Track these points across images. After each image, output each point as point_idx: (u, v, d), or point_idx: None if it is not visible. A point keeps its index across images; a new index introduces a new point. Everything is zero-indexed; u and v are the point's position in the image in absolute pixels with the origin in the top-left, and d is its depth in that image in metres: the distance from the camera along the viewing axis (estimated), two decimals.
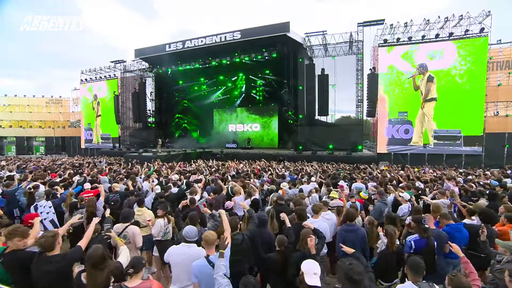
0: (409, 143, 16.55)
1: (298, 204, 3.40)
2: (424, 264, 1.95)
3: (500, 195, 4.23)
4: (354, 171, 8.86)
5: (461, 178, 7.53)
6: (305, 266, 1.80)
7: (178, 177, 6.28)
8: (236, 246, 2.23)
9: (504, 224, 3.00)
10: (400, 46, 16.65)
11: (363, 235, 2.76)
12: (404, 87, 16.62)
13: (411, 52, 16.47)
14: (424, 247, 2.56)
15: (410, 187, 4.89)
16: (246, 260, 2.36)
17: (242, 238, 2.41)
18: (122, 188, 4.75)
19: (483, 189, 5.21)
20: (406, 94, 16.63)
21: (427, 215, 2.96)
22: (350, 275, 1.61)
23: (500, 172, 9.16)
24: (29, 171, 8.33)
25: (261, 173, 8.25)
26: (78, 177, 6.25)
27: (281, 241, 2.37)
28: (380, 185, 5.60)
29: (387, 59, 16.89)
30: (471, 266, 2.17)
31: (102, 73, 26.60)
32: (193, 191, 3.95)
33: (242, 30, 18.17)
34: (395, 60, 16.66)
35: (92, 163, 11.92)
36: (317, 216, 3.07)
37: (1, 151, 30.55)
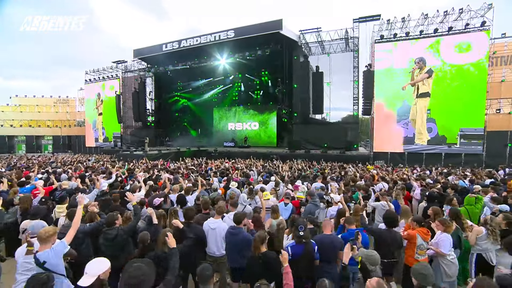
0: (433, 142, 15.76)
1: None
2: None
3: (448, 198, 4.09)
4: (332, 170, 8.75)
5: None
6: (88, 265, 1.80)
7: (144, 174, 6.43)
8: (109, 241, 2.30)
9: (414, 228, 2.91)
10: (424, 39, 15.80)
11: (244, 239, 2.75)
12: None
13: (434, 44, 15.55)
14: (301, 253, 2.51)
15: (360, 188, 4.79)
16: (124, 254, 2.41)
17: (116, 233, 2.49)
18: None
19: (441, 191, 5.03)
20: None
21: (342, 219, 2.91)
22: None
23: (487, 173, 8.81)
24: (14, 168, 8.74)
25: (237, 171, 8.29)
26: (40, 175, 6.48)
27: (142, 239, 2.41)
28: (345, 185, 5.56)
29: (408, 53, 16.10)
30: (289, 277, 2.10)
31: (105, 73, 27.33)
32: (134, 187, 4.06)
33: (235, 29, 18.21)
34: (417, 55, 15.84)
35: (81, 161, 12.35)
36: (218, 216, 3.06)
37: (12, 149, 31.94)
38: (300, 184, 5.32)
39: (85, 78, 28.56)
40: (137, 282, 1.56)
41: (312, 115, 18.87)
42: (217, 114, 26.87)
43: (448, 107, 15.29)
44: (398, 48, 16.32)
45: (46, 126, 32.65)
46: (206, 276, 1.70)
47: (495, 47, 16.67)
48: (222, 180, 5.80)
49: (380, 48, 16.84)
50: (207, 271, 1.72)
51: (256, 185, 5.24)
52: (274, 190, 4.84)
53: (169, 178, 5.46)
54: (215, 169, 8.70)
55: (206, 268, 1.75)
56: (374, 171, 9.96)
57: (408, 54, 16.11)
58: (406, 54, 16.13)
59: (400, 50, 16.24)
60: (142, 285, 1.58)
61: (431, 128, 15.75)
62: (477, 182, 6.30)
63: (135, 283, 1.56)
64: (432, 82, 15.55)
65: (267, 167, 9.25)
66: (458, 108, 15.10)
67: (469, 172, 9.01)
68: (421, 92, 16.06)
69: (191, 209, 2.94)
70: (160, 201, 3.51)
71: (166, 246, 2.16)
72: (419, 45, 15.97)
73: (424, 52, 15.83)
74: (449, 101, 15.29)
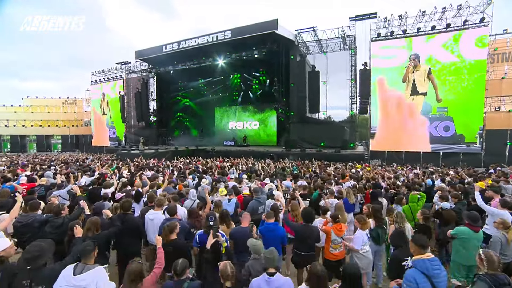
0: (450, 141, 15.16)
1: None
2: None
3: (399, 196, 4.26)
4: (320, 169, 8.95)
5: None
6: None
7: (128, 173, 6.85)
8: (55, 228, 2.68)
9: (331, 222, 3.12)
10: (440, 34, 15.34)
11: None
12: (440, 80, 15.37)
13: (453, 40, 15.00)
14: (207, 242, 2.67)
15: (317, 187, 5.01)
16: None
17: (62, 221, 2.86)
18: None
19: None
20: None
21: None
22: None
23: (471, 173, 8.78)
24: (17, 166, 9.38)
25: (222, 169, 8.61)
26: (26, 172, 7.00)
27: (69, 226, 2.74)
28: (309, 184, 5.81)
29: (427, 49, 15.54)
30: (161, 256, 2.38)
31: (110, 74, 28.23)
32: (106, 184, 4.46)
33: (232, 29, 18.50)
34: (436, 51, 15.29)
35: (79, 160, 13.02)
36: (158, 208, 3.36)
37: (24, 148, 33.42)
38: (268, 182, 5.58)
39: (91, 79, 29.55)
40: (30, 257, 1.94)
41: (309, 114, 18.95)
42: (219, 113, 27.32)
43: (466, 105, 14.79)
44: (441, 41, 15.36)
45: (55, 126, 33.99)
46: (87, 251, 2.01)
47: (496, 43, 16.33)
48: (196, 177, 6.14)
49: (421, 40, 15.95)
50: (88, 246, 2.04)
51: (230, 183, 5.54)
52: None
53: (149, 176, 5.85)
54: (202, 167, 9.05)
55: (87, 244, 2.06)
56: (361, 170, 10.12)
57: (424, 51, 15.55)
58: (421, 51, 15.59)
59: (443, 44, 15.34)
60: (35, 259, 1.95)
61: (448, 127, 15.22)
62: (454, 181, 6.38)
63: (29, 257, 1.95)
64: (428, 81, 15.38)
65: (251, 166, 9.51)
66: (477, 106, 14.61)
67: (453, 171, 8.99)
68: (421, 91, 15.80)
69: (127, 201, 3.28)
70: (121, 195, 3.87)
71: (91, 232, 2.51)
72: (435, 41, 15.30)
73: (439, 48, 15.17)
74: (467, 98, 14.80)
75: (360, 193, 4.82)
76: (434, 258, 2.08)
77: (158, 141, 25.18)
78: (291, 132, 19.38)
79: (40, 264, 2.00)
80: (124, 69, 27.08)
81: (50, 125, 33.94)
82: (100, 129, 29.57)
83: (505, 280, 1.87)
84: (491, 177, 7.19)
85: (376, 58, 16.92)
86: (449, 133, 15.26)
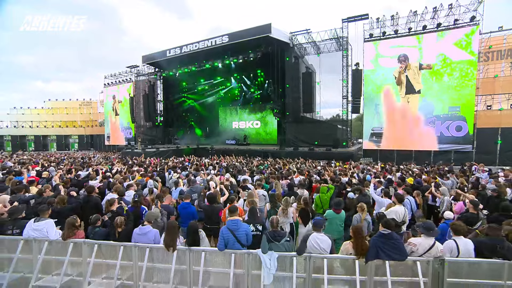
0: (464, 142, 15.08)
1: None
2: None
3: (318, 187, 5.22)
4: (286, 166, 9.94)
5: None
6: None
7: (119, 169, 8.20)
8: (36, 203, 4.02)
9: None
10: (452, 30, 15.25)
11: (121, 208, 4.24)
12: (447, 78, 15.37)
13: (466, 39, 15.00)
14: (132, 211, 3.79)
15: (267, 181, 6.05)
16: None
17: (42, 200, 4.16)
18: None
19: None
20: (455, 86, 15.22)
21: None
22: None
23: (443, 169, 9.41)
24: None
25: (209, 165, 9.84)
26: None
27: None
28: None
29: (436, 49, 15.51)
30: None
31: (121, 77, 30.29)
32: (91, 176, 5.75)
33: (229, 34, 19.65)
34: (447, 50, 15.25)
35: (83, 158, 14.81)
36: (115, 192, 4.59)
37: (46, 147, 36.46)
38: (228, 177, 6.69)
39: (104, 82, 31.81)
40: (11, 212, 3.39)
41: (303, 114, 19.74)
42: (222, 113, 28.70)
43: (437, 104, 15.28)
44: (423, 43, 15.74)
45: (72, 127, 36.78)
46: (42, 209, 3.22)
47: (491, 41, 16.34)
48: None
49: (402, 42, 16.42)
50: (43, 208, 3.25)
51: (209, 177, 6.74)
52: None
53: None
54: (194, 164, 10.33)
55: (43, 207, 3.27)
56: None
57: (435, 49, 15.54)
58: (432, 50, 15.57)
59: (426, 45, 15.68)
60: (13, 214, 3.32)
61: (461, 127, 15.12)
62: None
63: (10, 213, 3.36)
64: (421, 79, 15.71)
65: (234, 163, 10.64)
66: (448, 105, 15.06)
67: (417, 169, 9.64)
68: (417, 89, 16.09)
69: (91, 186, 4.57)
70: (99, 184, 5.15)
71: (59, 205, 3.80)
72: (446, 39, 15.29)
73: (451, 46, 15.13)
74: (438, 98, 15.29)
75: (302, 187, 5.73)
76: (235, 220, 3.09)
77: (164, 140, 26.90)
78: (287, 131, 20.30)
79: (17, 217, 3.30)
80: (133, 72, 29.02)
81: (68, 126, 36.79)
82: (114, 129, 31.76)
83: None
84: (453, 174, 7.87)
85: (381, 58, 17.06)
86: (462, 133, 15.12)
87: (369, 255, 2.72)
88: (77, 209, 4.04)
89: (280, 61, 19.53)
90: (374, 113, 17.31)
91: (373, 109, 17.37)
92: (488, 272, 2.78)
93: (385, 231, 2.78)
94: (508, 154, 14.99)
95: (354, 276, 2.74)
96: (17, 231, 3.21)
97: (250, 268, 2.86)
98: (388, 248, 2.71)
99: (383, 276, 2.76)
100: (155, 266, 2.98)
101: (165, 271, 2.96)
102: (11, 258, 3.09)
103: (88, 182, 5.74)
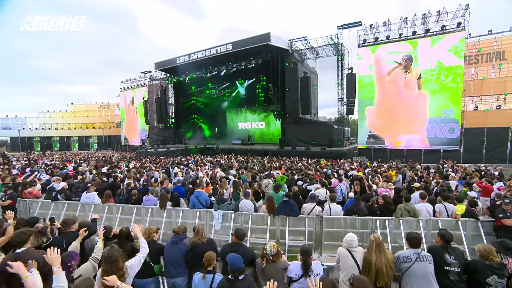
0: (456, 143, 16.35)
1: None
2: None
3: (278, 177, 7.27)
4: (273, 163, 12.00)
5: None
6: None
7: (134, 165, 10.63)
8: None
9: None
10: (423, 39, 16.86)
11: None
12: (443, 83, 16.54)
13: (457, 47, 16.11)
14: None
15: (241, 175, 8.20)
16: None
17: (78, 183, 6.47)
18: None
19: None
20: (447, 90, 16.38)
21: None
22: None
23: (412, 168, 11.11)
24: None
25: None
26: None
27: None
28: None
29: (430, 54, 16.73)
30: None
31: (135, 81, 33.45)
32: (114, 170, 8.18)
33: (233, 43, 21.88)
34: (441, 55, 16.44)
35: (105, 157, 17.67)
36: (93, 189, 6.89)
37: (69, 147, 40.58)
38: (218, 171, 8.89)
39: (120, 86, 35.14)
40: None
41: (302, 115, 21.55)
42: (229, 115, 31.11)
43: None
44: (418, 49, 16.99)
45: (92, 128, 40.63)
46: (91, 185, 5.46)
47: (481, 44, 17.41)
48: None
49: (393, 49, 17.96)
50: (91, 185, 5.49)
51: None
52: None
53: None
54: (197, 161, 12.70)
55: (91, 185, 5.52)
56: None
57: (430, 55, 16.80)
58: (427, 55, 16.78)
59: (421, 51, 16.92)
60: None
61: (454, 129, 16.31)
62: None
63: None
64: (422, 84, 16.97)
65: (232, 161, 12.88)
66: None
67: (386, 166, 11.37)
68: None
69: (115, 176, 6.87)
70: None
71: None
72: (440, 45, 16.55)
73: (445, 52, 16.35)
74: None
75: (268, 178, 7.77)
76: (199, 191, 5.19)
77: (175, 141, 29.66)
78: (286, 132, 22.27)
79: (75, 191, 5.64)
80: (147, 77, 32.02)
81: (88, 127, 40.69)
82: (131, 130, 35.03)
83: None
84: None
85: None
86: (455, 134, 16.38)
87: (276, 213, 4.77)
88: (107, 188, 6.35)
89: (280, 66, 21.47)
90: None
91: (365, 111, 18.96)
92: (349, 224, 4.75)
93: (285, 199, 4.81)
94: (493, 153, 16.13)
95: (266, 226, 4.81)
96: (77, 199, 5.53)
97: (208, 220, 5.01)
98: (286, 209, 4.75)
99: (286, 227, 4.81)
100: (154, 219, 5.20)
101: (159, 222, 5.16)
102: (75, 214, 5.42)
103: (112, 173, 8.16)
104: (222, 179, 6.92)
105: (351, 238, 2.80)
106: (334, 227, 4.79)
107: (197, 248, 3.00)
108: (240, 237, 3.12)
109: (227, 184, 6.67)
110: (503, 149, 15.94)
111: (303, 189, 6.44)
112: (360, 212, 4.68)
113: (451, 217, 4.54)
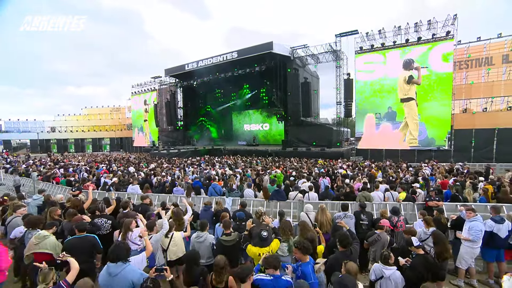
0: (424, 144, 18.77)
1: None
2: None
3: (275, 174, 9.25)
4: (273, 163, 14.01)
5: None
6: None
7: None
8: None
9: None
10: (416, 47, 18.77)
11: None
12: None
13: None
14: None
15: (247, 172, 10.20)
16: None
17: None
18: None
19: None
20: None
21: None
22: None
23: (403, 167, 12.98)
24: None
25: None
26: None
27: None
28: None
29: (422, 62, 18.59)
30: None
31: (146, 86, 35.93)
32: (140, 170, 10.34)
33: (238, 51, 23.97)
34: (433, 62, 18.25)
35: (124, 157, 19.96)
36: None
37: (83, 149, 43.46)
38: (226, 169, 10.94)
39: (131, 91, 37.70)
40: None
41: (303, 118, 23.43)
42: (236, 117, 33.25)
43: (435, 112, 18.31)
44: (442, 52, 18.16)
45: (105, 130, 43.41)
46: (133, 179, 7.55)
47: (470, 50, 18.97)
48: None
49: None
50: (134, 180, 7.58)
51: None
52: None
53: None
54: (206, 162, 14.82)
55: (135, 179, 7.60)
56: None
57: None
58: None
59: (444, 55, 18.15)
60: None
61: (421, 131, 18.76)
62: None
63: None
64: (415, 88, 18.78)
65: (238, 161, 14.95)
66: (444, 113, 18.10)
67: (374, 165, 13.23)
68: (408, 96, 19.21)
69: (147, 174, 8.98)
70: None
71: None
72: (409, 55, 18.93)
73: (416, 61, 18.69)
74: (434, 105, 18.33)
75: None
76: (215, 184, 7.23)
77: (184, 142, 31.96)
78: (289, 133, 24.24)
79: (123, 184, 7.78)
80: (157, 82, 34.43)
81: (101, 130, 43.48)
82: (140, 132, 37.65)
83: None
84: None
85: (361, 72, 20.76)
86: (421, 136, 18.83)
87: (269, 198, 6.79)
88: (144, 182, 8.47)
89: (282, 72, 23.41)
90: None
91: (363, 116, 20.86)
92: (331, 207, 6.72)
93: (277, 189, 6.81)
94: (481, 152, 17.74)
95: (263, 208, 6.82)
96: (123, 190, 7.67)
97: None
98: (277, 196, 6.75)
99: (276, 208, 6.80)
100: (181, 204, 7.28)
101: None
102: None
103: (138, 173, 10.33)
104: (230, 176, 8.98)
105: (308, 206, 4.83)
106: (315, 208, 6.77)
107: (218, 212, 5.06)
108: (243, 207, 5.20)
109: (235, 179, 8.72)
110: (489, 148, 17.53)
111: (293, 182, 8.39)
112: (328, 197, 6.66)
113: (396, 201, 6.48)
